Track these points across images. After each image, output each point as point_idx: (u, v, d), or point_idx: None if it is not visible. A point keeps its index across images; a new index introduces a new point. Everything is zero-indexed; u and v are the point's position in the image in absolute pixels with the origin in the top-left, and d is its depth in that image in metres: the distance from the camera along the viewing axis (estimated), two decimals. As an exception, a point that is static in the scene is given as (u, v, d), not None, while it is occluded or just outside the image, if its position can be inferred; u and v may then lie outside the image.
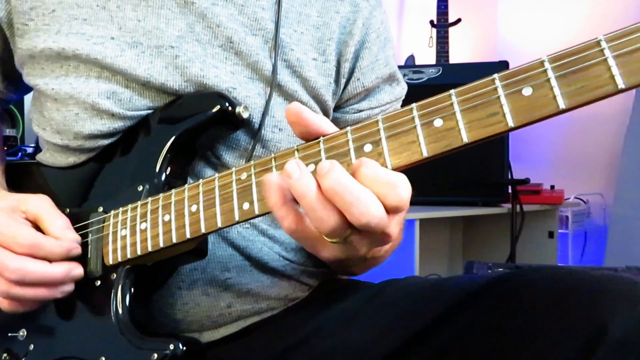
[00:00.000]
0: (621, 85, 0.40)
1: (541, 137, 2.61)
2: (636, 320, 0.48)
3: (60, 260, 0.61)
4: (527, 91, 0.43)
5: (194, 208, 0.57)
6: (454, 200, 2.05)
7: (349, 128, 0.50)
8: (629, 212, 2.21)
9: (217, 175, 0.57)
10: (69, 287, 0.62)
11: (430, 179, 1.98)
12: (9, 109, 1.65)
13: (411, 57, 2.50)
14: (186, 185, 0.59)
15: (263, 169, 0.54)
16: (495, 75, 0.45)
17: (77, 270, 0.62)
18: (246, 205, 0.53)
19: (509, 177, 2.03)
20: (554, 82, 0.42)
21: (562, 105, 0.42)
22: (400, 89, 0.83)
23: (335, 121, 0.78)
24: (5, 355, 0.67)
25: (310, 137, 0.52)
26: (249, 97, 0.69)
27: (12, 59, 0.74)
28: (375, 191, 0.45)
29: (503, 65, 2.01)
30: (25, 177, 0.77)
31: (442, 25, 2.55)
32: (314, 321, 0.69)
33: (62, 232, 0.62)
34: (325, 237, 0.48)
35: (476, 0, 2.91)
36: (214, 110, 0.65)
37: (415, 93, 0.85)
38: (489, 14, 2.95)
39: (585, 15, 2.58)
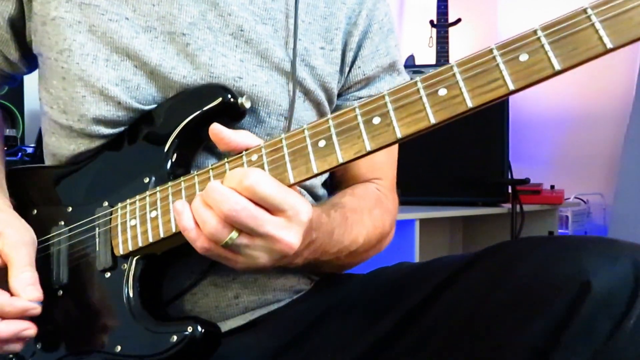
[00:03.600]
0: (609, 45, 0.44)
1: (541, 137, 2.61)
2: (618, 274, 0.51)
3: (15, 318, 0.59)
4: (523, 57, 0.47)
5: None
6: (454, 200, 2.04)
7: (356, 103, 0.53)
8: (629, 212, 2.21)
9: (227, 159, 0.59)
10: (16, 347, 0.60)
11: (431, 178, 1.99)
12: (9, 109, 1.65)
13: (411, 57, 2.50)
14: (195, 172, 0.61)
15: (273, 148, 0.56)
16: (492, 45, 0.48)
17: (29, 331, 0.59)
18: None
19: (509, 177, 2.02)
20: (547, 47, 0.46)
21: (557, 66, 0.46)
22: (401, 79, 0.86)
23: (337, 108, 0.81)
24: (10, 356, 0.67)
25: (235, 151, 0.59)
26: (256, 86, 0.70)
27: (26, 29, 0.74)
28: (233, 186, 0.53)
29: (503, 65, 2.01)
30: (28, 181, 0.77)
31: (442, 25, 2.55)
32: (317, 311, 0.71)
33: (23, 289, 0.60)
34: (215, 243, 0.55)
35: (476, 0, 2.91)
36: (216, 102, 0.66)
37: (416, 93, 0.87)
38: (489, 14, 2.95)
39: (585, 15, 2.58)
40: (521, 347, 0.54)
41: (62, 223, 0.70)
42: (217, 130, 0.60)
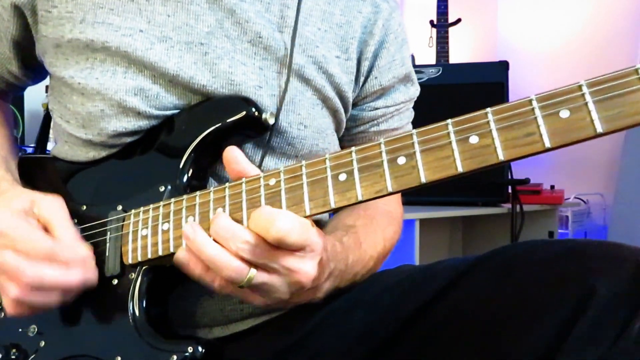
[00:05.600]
0: None
1: (541, 137, 2.61)
2: (622, 278, 0.51)
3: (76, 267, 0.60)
4: (564, 114, 0.44)
5: (219, 211, 0.57)
6: (453, 200, 2.04)
7: (382, 140, 0.51)
8: (629, 212, 2.21)
9: (244, 179, 0.57)
10: (79, 292, 0.61)
11: (430, 179, 1.98)
12: (8, 109, 1.65)
13: (411, 57, 2.51)
14: (211, 188, 0.59)
15: (292, 175, 0.55)
16: (533, 97, 0.45)
17: (93, 275, 0.61)
18: None
19: (509, 177, 2.03)
20: (591, 106, 0.43)
21: (599, 129, 0.43)
22: (414, 90, 0.85)
23: (352, 118, 0.81)
24: (13, 350, 0.67)
25: (236, 178, 0.58)
26: (275, 96, 0.69)
27: (32, 46, 0.74)
28: (255, 228, 0.51)
29: (503, 65, 2.01)
30: (41, 171, 0.76)
31: (442, 25, 2.55)
32: (320, 313, 0.71)
33: (73, 244, 0.61)
34: (235, 285, 0.53)
35: (476, 0, 2.91)
36: (240, 115, 0.65)
37: (416, 93, 0.87)
38: (489, 14, 2.95)
39: (586, 15, 2.58)
40: (526, 352, 0.54)
41: (75, 221, 0.68)
42: (234, 155, 0.58)
